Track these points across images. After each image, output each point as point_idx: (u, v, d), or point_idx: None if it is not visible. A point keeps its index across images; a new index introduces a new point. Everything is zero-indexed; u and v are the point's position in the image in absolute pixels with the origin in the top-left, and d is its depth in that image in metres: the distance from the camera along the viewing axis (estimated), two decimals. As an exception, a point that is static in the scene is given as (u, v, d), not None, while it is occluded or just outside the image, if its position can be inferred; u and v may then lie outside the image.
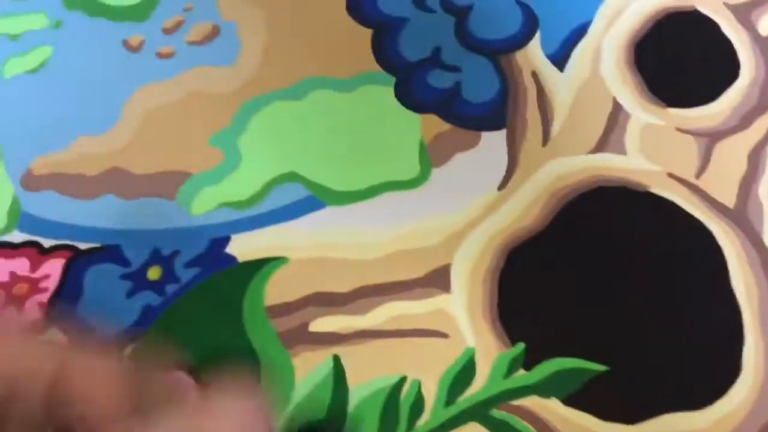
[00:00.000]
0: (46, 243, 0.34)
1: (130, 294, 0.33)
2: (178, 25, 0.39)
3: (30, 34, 0.39)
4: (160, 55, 0.38)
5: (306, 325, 0.32)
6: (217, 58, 0.38)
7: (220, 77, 0.38)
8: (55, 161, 0.36)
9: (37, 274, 0.34)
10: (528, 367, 0.31)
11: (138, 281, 0.33)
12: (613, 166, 0.35)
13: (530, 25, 0.39)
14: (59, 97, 0.37)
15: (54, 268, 0.34)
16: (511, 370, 0.31)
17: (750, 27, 0.39)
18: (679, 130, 0.36)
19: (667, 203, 0.35)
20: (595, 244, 0.34)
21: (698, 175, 0.35)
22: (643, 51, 0.38)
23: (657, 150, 0.36)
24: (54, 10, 0.40)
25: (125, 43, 0.39)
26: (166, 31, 0.39)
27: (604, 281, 0.33)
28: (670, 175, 0.35)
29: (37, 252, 0.34)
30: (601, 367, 0.31)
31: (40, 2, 0.40)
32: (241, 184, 0.35)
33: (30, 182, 0.36)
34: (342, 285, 0.33)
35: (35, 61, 0.38)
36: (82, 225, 0.34)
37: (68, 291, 0.33)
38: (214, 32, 0.39)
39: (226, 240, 0.34)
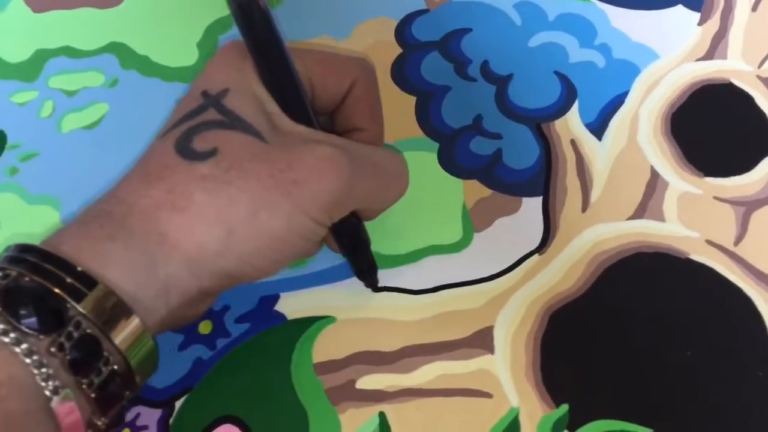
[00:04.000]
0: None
1: (182, 347, 0.34)
2: (229, 88, 0.40)
3: (87, 91, 0.41)
4: (212, 116, 0.40)
5: (353, 382, 0.33)
6: (267, 120, 0.39)
7: (270, 138, 0.39)
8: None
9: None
10: (572, 428, 0.32)
11: (189, 334, 0.34)
12: (652, 232, 0.36)
13: (569, 94, 0.40)
14: (114, 153, 0.38)
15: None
16: (555, 431, 0.32)
17: (783, 100, 0.40)
18: (716, 198, 0.37)
19: (707, 270, 0.35)
20: (636, 308, 0.35)
21: (736, 242, 0.36)
22: (679, 121, 0.39)
23: (695, 218, 0.37)
24: (111, 69, 0.41)
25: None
26: (218, 93, 0.40)
27: (644, 344, 0.34)
28: (709, 243, 0.36)
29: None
30: (645, 430, 0.32)
31: (98, 61, 0.41)
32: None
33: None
34: (388, 344, 0.34)
35: (92, 117, 0.40)
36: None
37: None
38: (264, 95, 0.40)
39: (275, 298, 0.35)
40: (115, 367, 0.26)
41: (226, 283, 0.29)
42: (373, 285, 0.35)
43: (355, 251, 0.33)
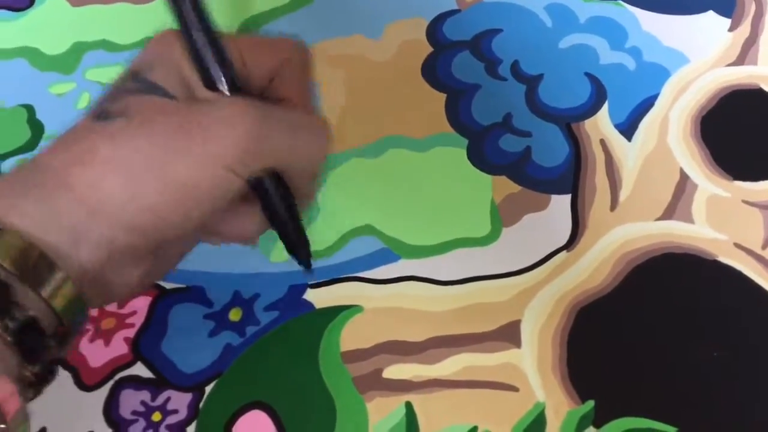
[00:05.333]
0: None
1: (213, 333, 0.34)
2: (263, 83, 0.41)
3: (123, 85, 0.41)
4: (245, 110, 0.40)
5: (380, 371, 0.33)
6: (299, 114, 0.40)
7: (301, 132, 0.39)
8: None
9: (125, 310, 0.35)
10: (598, 424, 0.32)
11: (220, 321, 0.35)
12: (681, 233, 0.36)
13: (599, 95, 0.40)
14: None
15: (141, 305, 0.35)
16: (581, 426, 0.32)
17: (813, 106, 0.40)
18: (745, 202, 0.37)
19: (734, 272, 0.35)
20: (663, 307, 0.35)
21: (764, 246, 0.36)
22: (709, 125, 0.39)
23: (723, 220, 0.37)
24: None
25: (213, 97, 0.41)
26: (252, 88, 0.41)
27: (670, 344, 0.34)
28: (737, 245, 0.36)
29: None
30: (671, 428, 0.32)
31: (134, 54, 0.42)
32: (320, 235, 0.36)
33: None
34: (415, 334, 0.34)
35: (127, 110, 0.40)
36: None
37: (153, 327, 0.34)
38: (297, 90, 0.41)
39: (304, 287, 0.35)
40: (31, 312, 0.25)
41: (141, 239, 0.28)
42: (306, 262, 0.32)
43: (279, 218, 0.31)
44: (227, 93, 0.29)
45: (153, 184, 0.27)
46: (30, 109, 0.41)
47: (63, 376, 0.33)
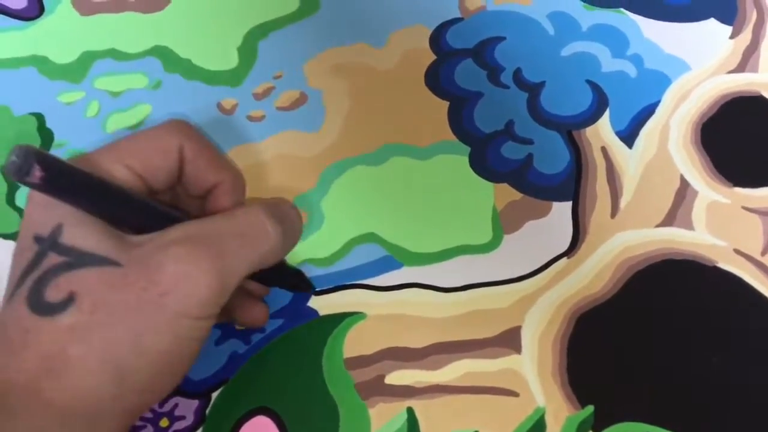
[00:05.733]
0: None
1: (219, 341, 0.35)
2: (268, 92, 0.42)
3: (131, 93, 0.42)
4: (250, 119, 0.41)
5: (382, 377, 0.34)
6: (304, 123, 0.41)
7: (306, 141, 0.40)
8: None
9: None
10: (597, 430, 0.32)
11: (226, 329, 0.35)
12: (681, 240, 0.37)
13: (600, 103, 0.41)
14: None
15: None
16: (580, 431, 0.32)
17: (814, 112, 0.40)
18: (744, 208, 0.38)
19: (734, 278, 0.36)
20: (662, 313, 0.35)
21: (764, 252, 0.36)
22: (709, 132, 0.40)
23: (723, 227, 0.37)
24: (154, 71, 0.42)
25: (219, 106, 0.41)
26: (257, 97, 0.41)
27: (670, 350, 0.34)
28: (737, 252, 0.36)
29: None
30: (669, 433, 0.32)
31: (142, 64, 0.43)
32: (324, 242, 0.37)
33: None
34: (417, 341, 0.35)
35: (135, 117, 0.41)
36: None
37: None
38: (302, 99, 0.41)
39: (308, 294, 0.36)
40: None
41: (130, 421, 0.27)
42: (308, 288, 0.35)
43: (274, 282, 0.34)
44: (153, 223, 0.28)
45: (137, 366, 0.26)
46: (40, 118, 0.41)
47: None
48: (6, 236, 0.38)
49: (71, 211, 0.26)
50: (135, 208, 0.28)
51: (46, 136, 0.41)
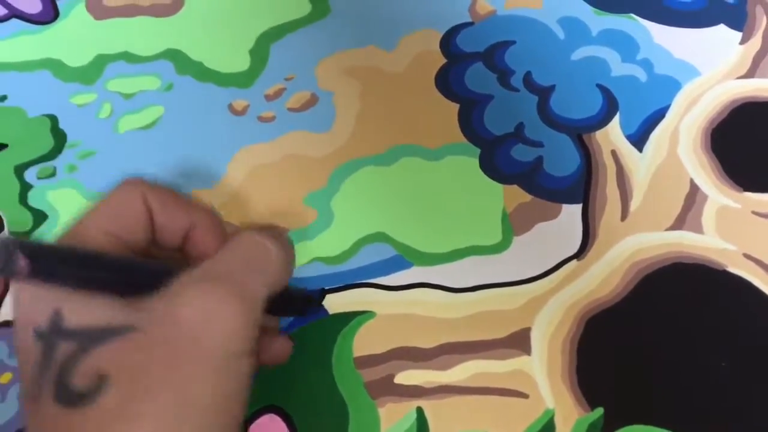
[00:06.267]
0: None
1: (228, 338, 0.35)
2: (279, 93, 0.42)
3: (143, 95, 0.42)
4: (261, 119, 0.41)
5: (392, 377, 0.34)
6: (314, 124, 0.41)
7: (316, 142, 0.40)
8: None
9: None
10: None
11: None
12: (691, 243, 0.37)
13: (610, 107, 0.41)
14: (167, 153, 0.40)
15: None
16: (589, 432, 0.32)
17: (824, 118, 0.40)
18: (754, 213, 0.38)
19: (743, 282, 0.36)
20: (672, 317, 0.35)
21: (774, 255, 0.36)
22: (719, 137, 0.40)
23: (733, 231, 0.37)
24: (166, 74, 0.43)
25: (230, 107, 0.42)
26: (268, 98, 0.42)
27: (679, 353, 0.34)
28: (746, 256, 0.36)
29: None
30: (679, 435, 0.32)
31: (155, 66, 0.43)
32: (333, 242, 0.37)
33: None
34: (426, 341, 0.35)
35: (147, 119, 0.42)
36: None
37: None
38: (312, 100, 0.42)
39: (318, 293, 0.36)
40: None
41: None
42: (318, 301, 0.35)
43: (283, 311, 0.34)
44: (156, 284, 0.26)
45: (195, 427, 0.24)
46: (53, 119, 0.42)
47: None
48: (18, 235, 0.38)
49: (64, 292, 0.25)
50: (130, 271, 0.27)
51: (60, 136, 0.41)
